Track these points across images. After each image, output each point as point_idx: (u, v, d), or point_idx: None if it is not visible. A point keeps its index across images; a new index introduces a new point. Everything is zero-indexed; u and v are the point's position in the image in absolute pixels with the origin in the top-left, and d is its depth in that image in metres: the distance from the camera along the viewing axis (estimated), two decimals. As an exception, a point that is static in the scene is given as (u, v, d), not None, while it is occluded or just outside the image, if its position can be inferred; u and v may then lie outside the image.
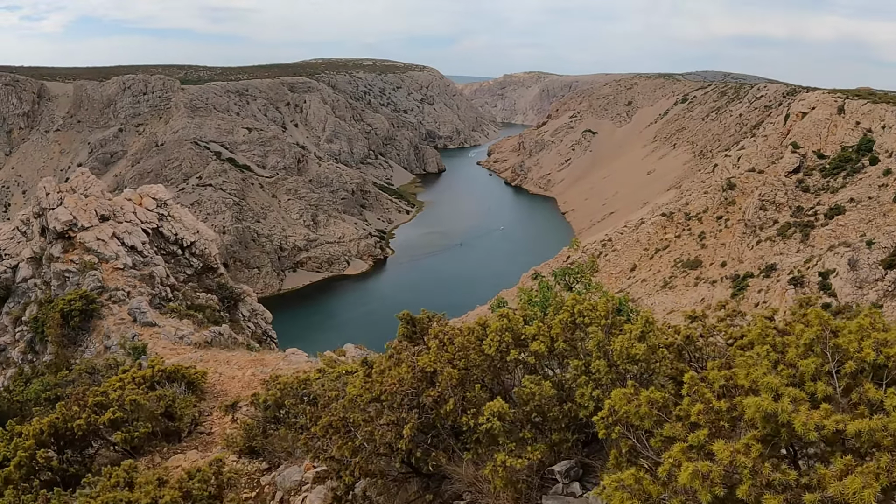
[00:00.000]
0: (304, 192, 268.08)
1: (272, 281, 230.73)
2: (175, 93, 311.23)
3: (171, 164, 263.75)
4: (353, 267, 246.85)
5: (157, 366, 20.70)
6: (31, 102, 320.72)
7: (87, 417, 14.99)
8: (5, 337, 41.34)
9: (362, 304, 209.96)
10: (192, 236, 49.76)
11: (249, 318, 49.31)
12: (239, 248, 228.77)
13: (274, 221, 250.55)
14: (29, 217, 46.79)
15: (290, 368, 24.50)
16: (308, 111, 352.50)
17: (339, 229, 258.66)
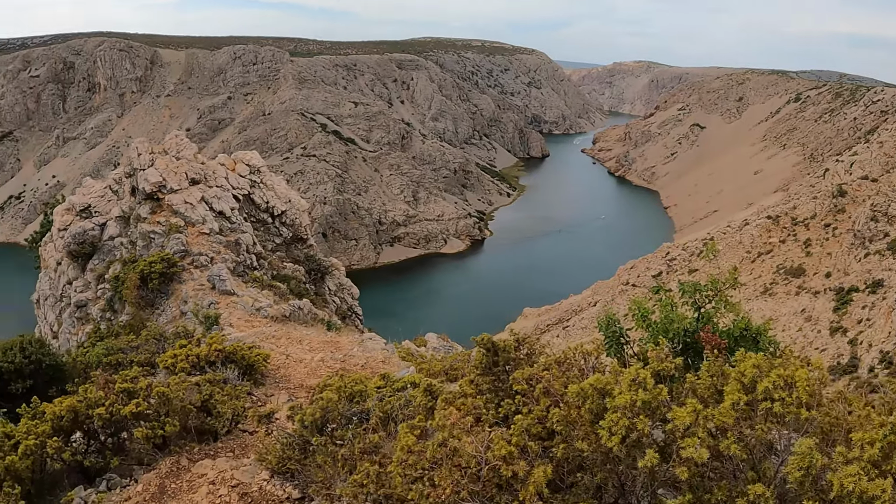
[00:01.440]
0: (407, 168, 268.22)
1: (369, 253, 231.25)
2: (284, 64, 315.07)
3: (276, 134, 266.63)
4: (450, 246, 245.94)
5: (214, 344, 18.96)
6: (144, 68, 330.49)
7: (110, 406, 13.36)
8: (87, 293, 40.88)
9: (456, 285, 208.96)
10: (284, 205, 48.49)
11: (336, 293, 47.91)
12: (338, 220, 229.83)
13: (374, 195, 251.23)
14: (121, 176, 46.06)
15: (364, 356, 22.73)
16: (415, 88, 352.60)
17: (438, 207, 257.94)
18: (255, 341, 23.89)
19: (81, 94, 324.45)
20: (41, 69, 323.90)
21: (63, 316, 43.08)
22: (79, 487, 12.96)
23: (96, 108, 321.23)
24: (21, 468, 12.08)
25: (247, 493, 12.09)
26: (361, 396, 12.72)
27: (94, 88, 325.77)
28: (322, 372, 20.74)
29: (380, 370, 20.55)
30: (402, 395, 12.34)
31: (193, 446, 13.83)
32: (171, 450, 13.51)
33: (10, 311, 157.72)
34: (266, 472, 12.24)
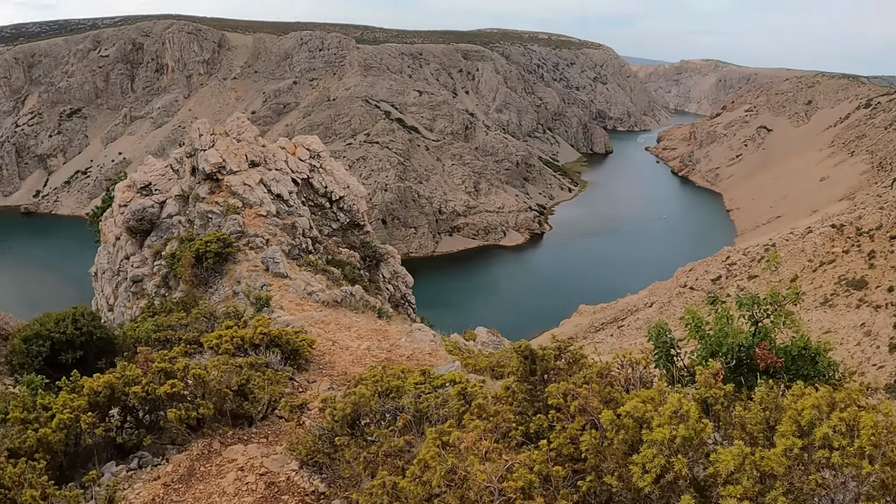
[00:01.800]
0: (469, 158, 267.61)
1: (427, 242, 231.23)
2: (350, 51, 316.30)
3: (340, 119, 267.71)
4: (509, 238, 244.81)
5: (259, 327, 18.74)
6: (212, 51, 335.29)
7: (146, 385, 13.29)
8: (144, 269, 41.59)
9: (512, 278, 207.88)
10: (342, 191, 48.49)
11: (389, 280, 47.82)
12: (398, 207, 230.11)
13: (436, 184, 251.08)
14: (182, 156, 46.48)
15: (411, 347, 22.39)
16: (480, 79, 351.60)
17: (499, 199, 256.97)
18: (303, 326, 23.69)
19: (149, 75, 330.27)
20: (111, 49, 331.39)
21: (119, 290, 43.75)
22: (110, 463, 13.00)
23: (163, 89, 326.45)
24: (54, 441, 12.07)
25: (274, 483, 11.92)
26: (398, 392, 12.38)
27: (162, 69, 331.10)
28: (367, 361, 20.47)
29: (425, 363, 20.28)
30: (440, 394, 11.98)
31: (227, 430, 13.72)
32: (204, 432, 13.42)
33: (71, 283, 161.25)
34: (296, 462, 12.03)
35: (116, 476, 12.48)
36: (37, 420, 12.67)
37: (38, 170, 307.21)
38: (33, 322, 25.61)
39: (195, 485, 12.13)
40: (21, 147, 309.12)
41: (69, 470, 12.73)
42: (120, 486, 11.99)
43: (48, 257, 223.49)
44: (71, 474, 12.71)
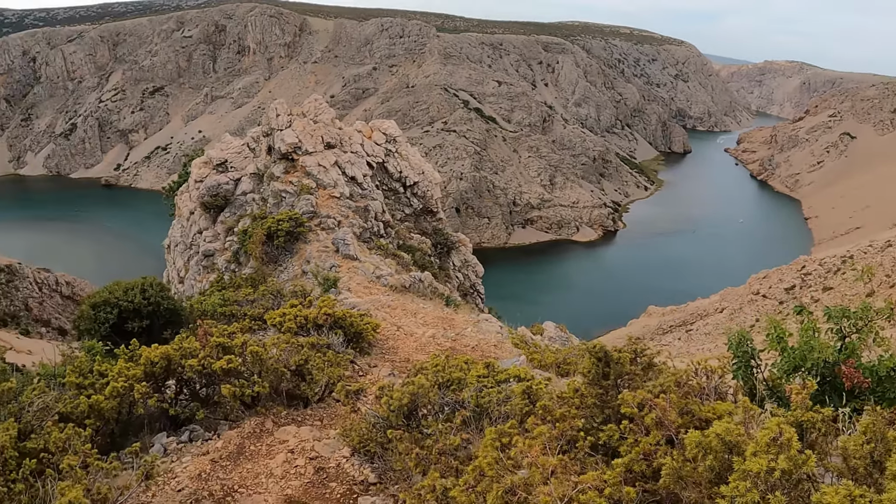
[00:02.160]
0: (546, 151, 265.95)
1: (500, 233, 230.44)
2: (430, 39, 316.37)
3: (419, 107, 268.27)
4: (582, 234, 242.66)
5: (324, 308, 18.48)
6: (293, 34, 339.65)
7: (203, 359, 13.09)
8: (215, 244, 42.06)
9: (583, 274, 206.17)
10: (417, 176, 48.26)
11: (460, 269, 47.48)
12: (473, 196, 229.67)
13: (511, 175, 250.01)
14: (259, 135, 46.85)
15: (476, 338, 21.83)
16: (560, 72, 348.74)
17: (574, 194, 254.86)
18: (368, 309, 23.44)
19: (231, 56, 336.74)
20: (194, 30, 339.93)
21: (190, 263, 44.30)
22: (161, 434, 12.86)
23: (244, 70, 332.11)
24: (106, 408, 11.94)
25: (323, 468, 11.60)
26: (459, 385, 11.87)
27: (244, 51, 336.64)
28: (431, 349, 20.07)
29: (490, 355, 19.74)
30: (503, 389, 11.43)
31: (281, 410, 13.45)
32: (258, 410, 13.18)
33: (146, 254, 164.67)
34: (347, 449, 11.68)
35: (166, 448, 12.35)
36: (92, 386, 12.59)
37: (119, 144, 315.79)
38: (103, 289, 26.00)
39: (243, 463, 11.87)
40: (104, 122, 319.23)
41: (121, 437, 12.64)
42: (169, 458, 11.88)
43: (126, 228, 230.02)
44: (122, 442, 12.61)
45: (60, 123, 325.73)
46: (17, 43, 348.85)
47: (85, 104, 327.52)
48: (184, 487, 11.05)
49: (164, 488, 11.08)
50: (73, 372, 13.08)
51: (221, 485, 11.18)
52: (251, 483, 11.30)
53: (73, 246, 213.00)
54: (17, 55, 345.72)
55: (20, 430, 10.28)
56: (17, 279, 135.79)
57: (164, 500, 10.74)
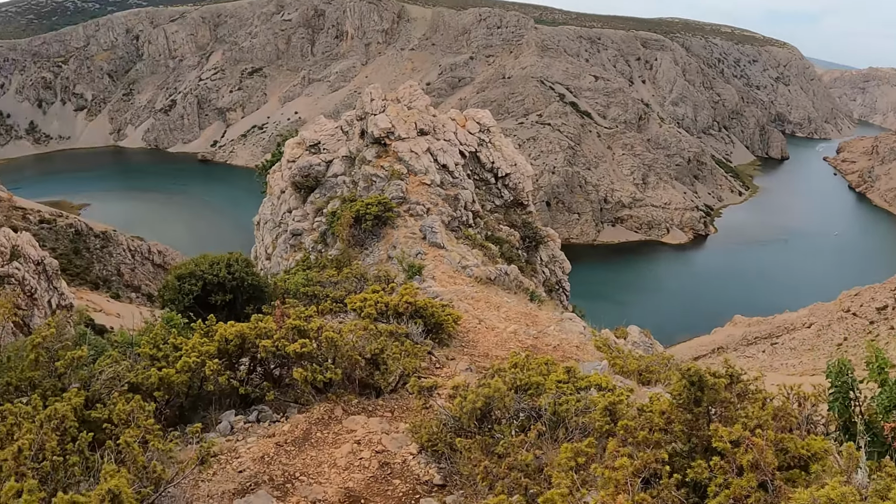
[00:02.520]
0: (640, 149, 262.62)
1: (589, 230, 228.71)
2: (528, 31, 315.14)
3: (514, 98, 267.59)
4: (672, 236, 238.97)
5: (406, 296, 18.14)
6: (391, 21, 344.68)
7: (277, 340, 12.90)
8: (304, 223, 42.30)
9: (670, 277, 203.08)
10: (509, 168, 47.71)
11: (546, 264, 46.85)
12: (564, 191, 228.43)
13: (603, 172, 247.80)
14: (352, 119, 46.97)
15: (558, 337, 21.16)
16: (657, 69, 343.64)
17: (666, 195, 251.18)
18: (451, 299, 23.10)
19: (329, 41, 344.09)
20: (293, 14, 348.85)
21: (278, 241, 44.70)
22: (230, 412, 12.75)
23: (342, 55, 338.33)
24: (176, 382, 11.85)
25: (388, 463, 11.22)
26: (537, 390, 11.35)
27: (342, 36, 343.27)
28: (511, 345, 19.48)
29: (572, 356, 19.14)
30: (583, 397, 10.88)
31: (352, 398, 13.15)
32: (329, 396, 12.93)
33: (237, 229, 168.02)
34: (415, 445, 11.34)
35: (233, 426, 12.23)
36: (165, 358, 12.53)
37: (216, 121, 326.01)
38: (189, 261, 26.39)
39: (307, 450, 11.59)
40: (203, 99, 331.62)
41: (189, 411, 12.65)
42: (234, 437, 11.76)
43: (219, 203, 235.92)
44: (191, 415, 12.62)
45: (160, 99, 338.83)
46: (122, 21, 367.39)
47: (185, 82, 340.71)
48: (245, 469, 10.85)
49: (225, 467, 10.91)
50: (148, 343, 13.05)
51: (283, 470, 10.91)
52: (313, 471, 11.00)
53: (167, 217, 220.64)
54: (121, 33, 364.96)
55: (87, 398, 10.19)
56: (111, 245, 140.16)
57: (223, 479, 10.56)
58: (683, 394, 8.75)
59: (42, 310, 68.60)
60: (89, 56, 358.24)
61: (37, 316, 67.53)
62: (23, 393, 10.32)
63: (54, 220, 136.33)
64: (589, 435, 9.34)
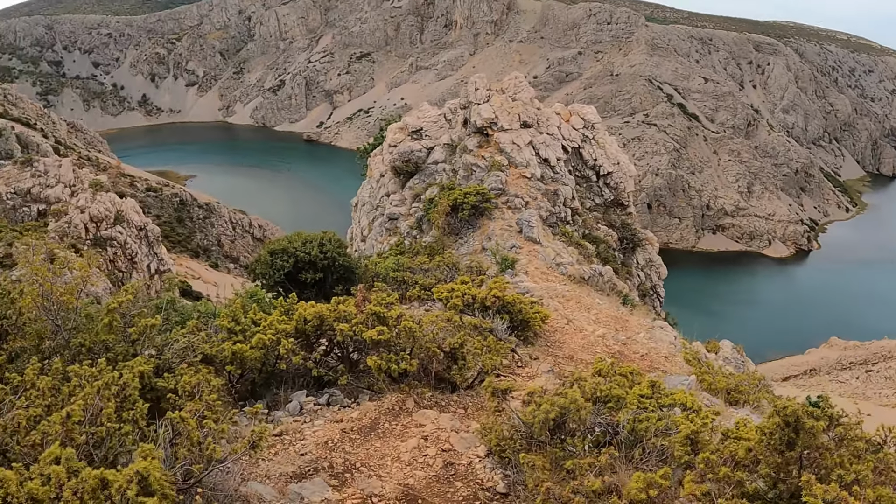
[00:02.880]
0: (747, 157, 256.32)
1: (689, 235, 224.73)
2: (638, 28, 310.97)
3: (621, 96, 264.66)
4: (774, 249, 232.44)
5: (494, 290, 17.66)
6: (500, 13, 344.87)
7: (354, 325, 12.72)
8: (401, 208, 42.41)
9: (768, 291, 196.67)
10: (612, 166, 46.89)
11: (642, 268, 45.93)
12: (666, 194, 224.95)
13: (708, 178, 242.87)
14: (456, 107, 46.84)
15: (647, 345, 20.30)
16: (769, 74, 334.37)
17: (771, 205, 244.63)
18: (542, 296, 22.55)
19: (438, 29, 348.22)
20: (404, 2, 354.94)
21: (374, 223, 45.00)
22: (301, 392, 12.60)
23: (450, 44, 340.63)
24: (249, 357, 11.78)
25: (452, 464, 10.78)
26: (617, 404, 10.77)
27: (451, 25, 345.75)
28: (598, 349, 18.86)
29: (659, 367, 18.37)
30: (665, 416, 10.25)
31: (426, 391, 12.81)
32: (402, 387, 12.62)
33: (337, 209, 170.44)
34: (483, 448, 10.90)
35: (302, 406, 12.07)
36: (242, 332, 12.45)
37: (323, 103, 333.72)
38: (283, 238, 26.87)
39: (373, 441, 11.26)
40: (311, 81, 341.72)
41: (261, 387, 12.61)
42: (302, 418, 11.60)
43: (321, 182, 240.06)
44: (262, 391, 12.59)
45: (270, 79, 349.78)
46: (234, 2, 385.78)
47: (294, 63, 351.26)
48: (307, 452, 10.61)
49: (288, 448, 10.70)
50: (227, 316, 12.95)
51: (344, 458, 10.61)
52: (375, 463, 10.66)
53: (269, 193, 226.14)
54: (234, 14, 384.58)
55: (158, 366, 10.09)
56: (213, 216, 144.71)
57: (284, 460, 10.34)
58: (776, 434, 8.00)
59: (141, 273, 71.05)
60: (202, 34, 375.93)
61: (135, 278, 69.68)
62: (96, 355, 10.23)
63: (160, 189, 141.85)
64: (666, 462, 8.78)
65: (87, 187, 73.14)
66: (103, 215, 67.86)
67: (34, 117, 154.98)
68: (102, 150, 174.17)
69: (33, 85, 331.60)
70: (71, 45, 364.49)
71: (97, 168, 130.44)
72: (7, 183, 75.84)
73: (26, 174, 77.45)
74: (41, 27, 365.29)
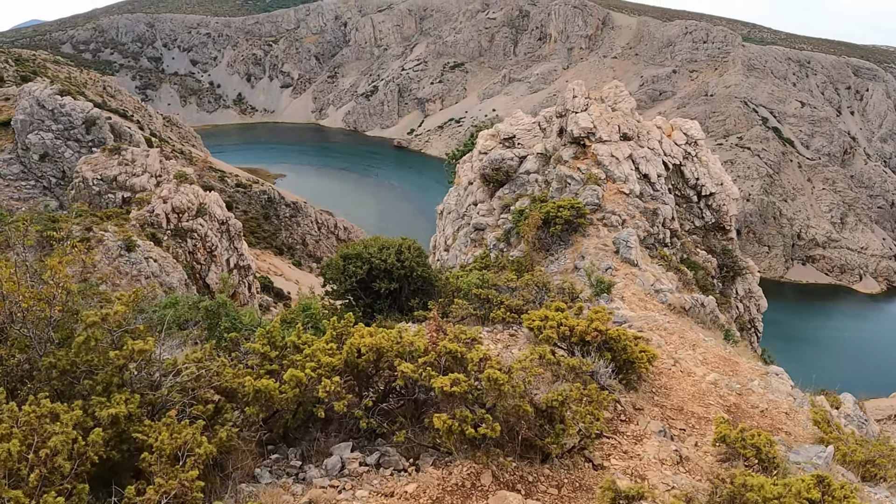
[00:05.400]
0: (842, 186, 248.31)
1: (777, 265, 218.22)
2: (735, 48, 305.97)
3: (715, 117, 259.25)
4: (864, 284, 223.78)
5: (596, 322, 14.58)
6: (595, 27, 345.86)
7: (421, 367, 9.81)
8: (488, 218, 40.14)
9: (857, 328, 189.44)
10: (715, 187, 43.92)
11: (742, 299, 42.82)
12: (756, 221, 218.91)
13: (800, 206, 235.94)
14: (552, 115, 44.28)
15: (765, 398, 17.04)
16: (868, 101, 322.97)
17: (864, 238, 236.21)
18: (641, 327, 20.07)
19: (532, 42, 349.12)
20: (498, 13, 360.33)
21: (459, 233, 42.88)
22: (345, 444, 9.82)
23: (544, 57, 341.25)
24: (278, 399, 9.08)
25: None
26: None
27: (545, 38, 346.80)
28: (711, 400, 15.95)
29: (782, 426, 15.32)
30: None
31: (509, 462, 9.80)
32: (477, 455, 9.60)
33: (423, 216, 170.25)
34: None
35: (345, 464, 9.35)
36: (280, 360, 9.78)
37: (415, 111, 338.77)
38: (359, 242, 25.05)
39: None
40: (403, 88, 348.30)
41: (296, 430, 9.92)
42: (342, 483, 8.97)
43: (410, 189, 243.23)
44: (297, 435, 9.91)
45: (363, 84, 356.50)
46: (331, 8, 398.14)
47: (388, 70, 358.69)
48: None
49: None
50: (262, 338, 10.23)
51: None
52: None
53: (357, 196, 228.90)
54: (330, 19, 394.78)
55: (152, 405, 7.70)
56: (300, 216, 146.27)
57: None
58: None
59: (220, 266, 70.56)
60: (298, 38, 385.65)
61: (213, 272, 69.21)
62: (75, 380, 7.97)
63: (250, 186, 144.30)
64: None
65: (172, 178, 73.08)
66: (185, 207, 67.53)
67: (132, 109, 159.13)
68: (196, 145, 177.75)
69: (133, 79, 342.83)
70: (171, 42, 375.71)
71: (189, 161, 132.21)
72: (94, 169, 76.32)
73: (114, 162, 77.78)
74: (143, 24, 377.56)
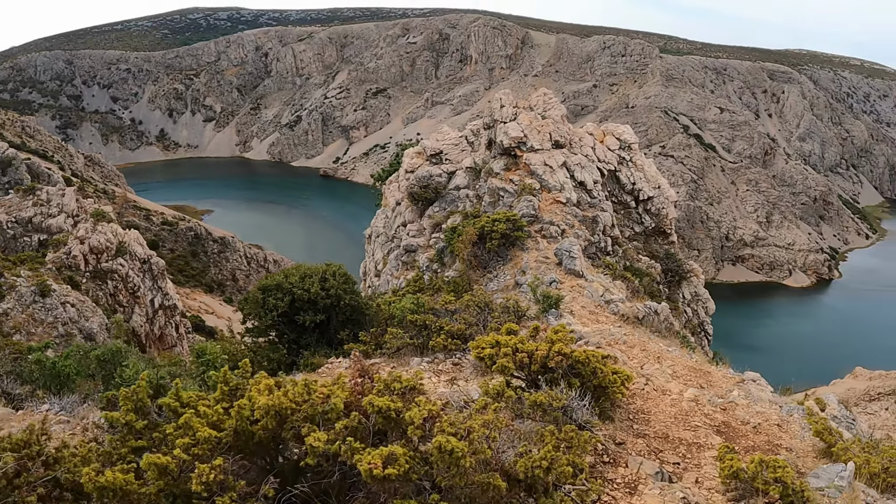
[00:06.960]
0: (765, 186, 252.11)
1: (708, 268, 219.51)
2: (652, 60, 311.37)
3: (637, 128, 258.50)
4: (794, 279, 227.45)
5: (558, 343, 12.09)
6: (515, 47, 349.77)
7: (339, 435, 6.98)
8: (419, 239, 38.47)
9: (791, 322, 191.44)
10: (652, 191, 42.59)
11: (689, 303, 41.42)
12: (685, 226, 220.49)
13: (726, 209, 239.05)
14: (479, 128, 43.07)
15: (751, 410, 14.64)
16: (784, 103, 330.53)
17: (790, 235, 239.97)
18: (599, 343, 18.22)
19: (453, 64, 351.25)
20: (418, 37, 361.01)
21: (390, 256, 40.97)
22: None
23: (466, 79, 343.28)
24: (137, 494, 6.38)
25: None
26: None
27: (466, 60, 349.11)
28: (696, 420, 13.60)
29: (781, 443, 13.02)
30: None
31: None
32: None
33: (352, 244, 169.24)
34: None
35: None
36: (150, 431, 7.20)
37: (340, 139, 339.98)
38: (279, 272, 22.85)
39: None
40: (327, 117, 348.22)
41: None
42: None
43: (337, 217, 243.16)
44: None
45: (286, 115, 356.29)
46: (252, 39, 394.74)
47: (311, 99, 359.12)
48: None
49: None
50: (129, 400, 7.53)
51: None
52: None
53: (286, 228, 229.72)
54: (251, 50, 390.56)
55: None
56: (228, 251, 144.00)
57: None
58: None
59: (143, 308, 67.83)
60: (220, 70, 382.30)
61: (137, 314, 66.52)
62: None
63: (176, 223, 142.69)
64: None
65: (90, 217, 70.24)
66: (104, 246, 64.69)
67: (52, 149, 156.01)
68: (119, 184, 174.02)
69: (52, 119, 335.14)
70: (90, 79, 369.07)
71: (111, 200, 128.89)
72: (8, 211, 72.93)
73: (28, 202, 74.43)
74: (61, 62, 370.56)
